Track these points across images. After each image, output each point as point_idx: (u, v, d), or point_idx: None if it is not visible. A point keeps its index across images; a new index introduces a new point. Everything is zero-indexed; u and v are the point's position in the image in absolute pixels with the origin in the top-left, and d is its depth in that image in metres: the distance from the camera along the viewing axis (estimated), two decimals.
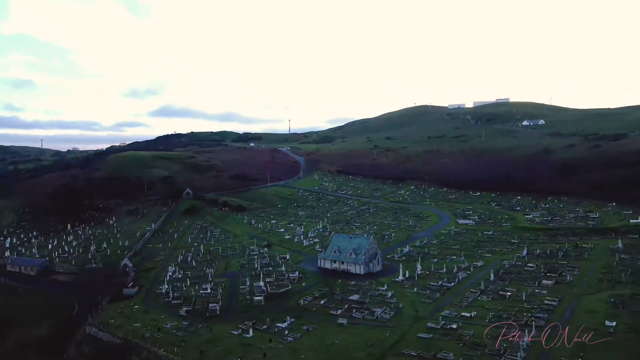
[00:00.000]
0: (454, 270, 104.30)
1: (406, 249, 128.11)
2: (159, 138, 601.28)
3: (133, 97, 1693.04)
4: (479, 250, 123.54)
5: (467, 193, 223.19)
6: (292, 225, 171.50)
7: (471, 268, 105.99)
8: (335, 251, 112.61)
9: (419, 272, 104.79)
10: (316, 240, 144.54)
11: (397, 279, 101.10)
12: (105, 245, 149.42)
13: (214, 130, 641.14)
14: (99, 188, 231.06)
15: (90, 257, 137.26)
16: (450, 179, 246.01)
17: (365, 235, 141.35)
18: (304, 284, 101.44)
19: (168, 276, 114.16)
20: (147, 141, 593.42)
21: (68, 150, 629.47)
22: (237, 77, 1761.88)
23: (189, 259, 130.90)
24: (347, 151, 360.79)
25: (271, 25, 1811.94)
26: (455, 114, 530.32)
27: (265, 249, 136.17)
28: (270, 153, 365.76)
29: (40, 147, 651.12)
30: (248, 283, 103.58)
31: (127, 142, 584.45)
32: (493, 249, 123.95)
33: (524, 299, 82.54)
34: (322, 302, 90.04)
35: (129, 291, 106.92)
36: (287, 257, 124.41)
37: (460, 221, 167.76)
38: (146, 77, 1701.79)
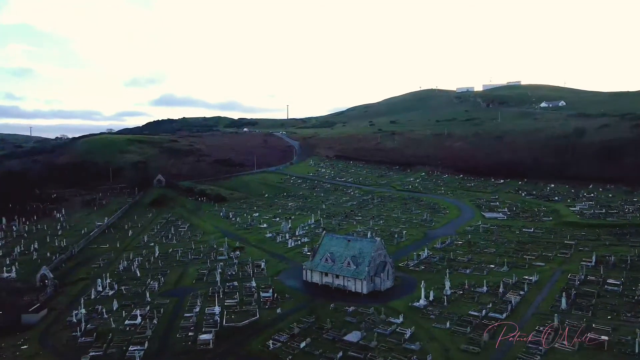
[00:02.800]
0: (500, 290, 71.13)
1: (424, 254, 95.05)
2: (149, 124, 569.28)
3: (134, 86, 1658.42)
4: (525, 257, 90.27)
5: (488, 180, 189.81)
6: (277, 219, 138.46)
7: (524, 286, 72.75)
8: (327, 259, 79.46)
9: (448, 293, 71.68)
10: (305, 239, 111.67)
11: (417, 304, 68.07)
12: (36, 246, 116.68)
13: (208, 116, 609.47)
14: (57, 175, 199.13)
15: (8, 262, 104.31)
16: (466, 165, 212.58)
17: (369, 235, 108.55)
18: (279, 310, 68.43)
19: (93, 294, 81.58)
20: (136, 127, 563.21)
21: (56, 137, 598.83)
22: (238, 66, 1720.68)
23: (135, 265, 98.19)
24: (348, 135, 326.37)
25: (273, 12, 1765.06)
26: (464, 97, 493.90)
27: (237, 252, 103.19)
28: (262, 137, 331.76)
29: (30, 134, 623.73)
30: (198, 308, 70.70)
31: (117, 130, 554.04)
32: (545, 255, 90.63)
33: (637, 350, 49.35)
34: (302, 344, 57.31)
35: (30, 318, 74.22)
36: (263, 265, 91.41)
37: (487, 214, 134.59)
38: (147, 67, 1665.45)
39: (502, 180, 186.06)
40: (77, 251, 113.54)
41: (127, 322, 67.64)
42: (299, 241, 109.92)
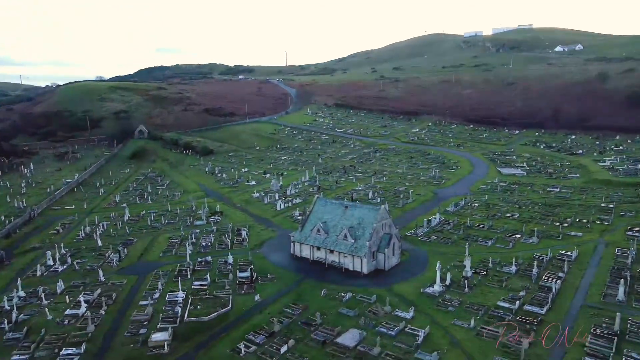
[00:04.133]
0: (534, 271, 57.05)
1: (435, 219, 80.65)
2: (140, 71, 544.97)
3: (131, 39, 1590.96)
4: (556, 223, 75.86)
5: (501, 131, 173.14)
6: (268, 175, 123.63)
7: (564, 266, 58.59)
8: (319, 230, 65.04)
9: (469, 274, 57.69)
10: (297, 200, 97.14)
11: (431, 290, 54.24)
12: None
13: (202, 63, 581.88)
14: (31, 126, 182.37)
15: None
16: (477, 114, 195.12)
17: (370, 196, 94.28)
18: (257, 297, 54.73)
19: (39, 270, 67.89)
20: (127, 75, 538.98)
21: (46, 85, 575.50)
22: (237, 13, 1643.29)
23: (99, 232, 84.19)
24: (349, 82, 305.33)
25: None
26: (472, 42, 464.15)
27: (218, 217, 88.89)
28: (257, 85, 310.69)
29: (20, 82, 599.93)
30: (158, 294, 57.06)
31: (108, 78, 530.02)
32: (580, 221, 76.25)
33: None
34: (283, 348, 43.99)
35: None
36: (244, 233, 77.20)
37: (503, 170, 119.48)
38: (146, 18, 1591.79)
39: (517, 131, 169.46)
40: (38, 213, 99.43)
41: (68, 311, 54.30)
42: (290, 202, 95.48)
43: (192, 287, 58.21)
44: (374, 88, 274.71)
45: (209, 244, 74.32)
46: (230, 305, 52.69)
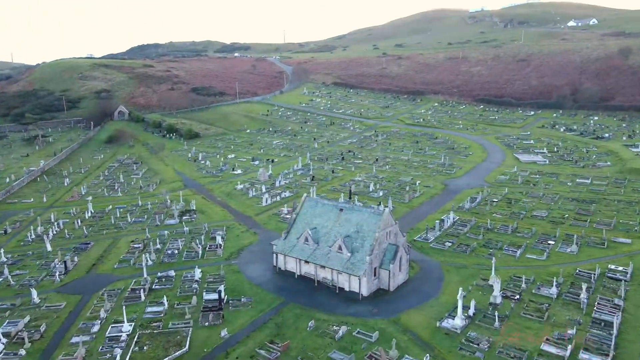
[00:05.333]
0: (582, 296, 44.19)
1: (449, 219, 67.62)
2: (132, 49, 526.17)
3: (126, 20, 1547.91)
4: (596, 225, 62.85)
5: (514, 112, 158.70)
6: (256, 162, 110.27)
7: (619, 288, 45.74)
8: (307, 239, 52.06)
9: (499, 300, 44.88)
10: (287, 194, 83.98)
11: (451, 324, 41.49)
12: None
13: (197, 40, 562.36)
14: (3, 107, 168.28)
15: None
16: (487, 93, 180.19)
17: (371, 188, 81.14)
18: (224, 331, 42.06)
19: None
20: (119, 53, 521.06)
21: (37, 64, 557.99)
22: None
23: (51, 233, 71.47)
24: (349, 59, 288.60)
25: None
26: (479, 17, 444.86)
27: (195, 215, 75.85)
28: (252, 62, 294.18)
29: (11, 61, 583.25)
30: (98, 325, 44.41)
31: (100, 56, 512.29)
32: (624, 223, 63.21)
33: None
34: None
35: None
36: (219, 238, 64.05)
37: (522, 157, 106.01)
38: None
39: (532, 112, 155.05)
40: None
41: None
42: (278, 196, 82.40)
43: (144, 315, 45.68)
44: (375, 66, 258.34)
45: (176, 251, 61.44)
46: (186, 346, 40.10)
